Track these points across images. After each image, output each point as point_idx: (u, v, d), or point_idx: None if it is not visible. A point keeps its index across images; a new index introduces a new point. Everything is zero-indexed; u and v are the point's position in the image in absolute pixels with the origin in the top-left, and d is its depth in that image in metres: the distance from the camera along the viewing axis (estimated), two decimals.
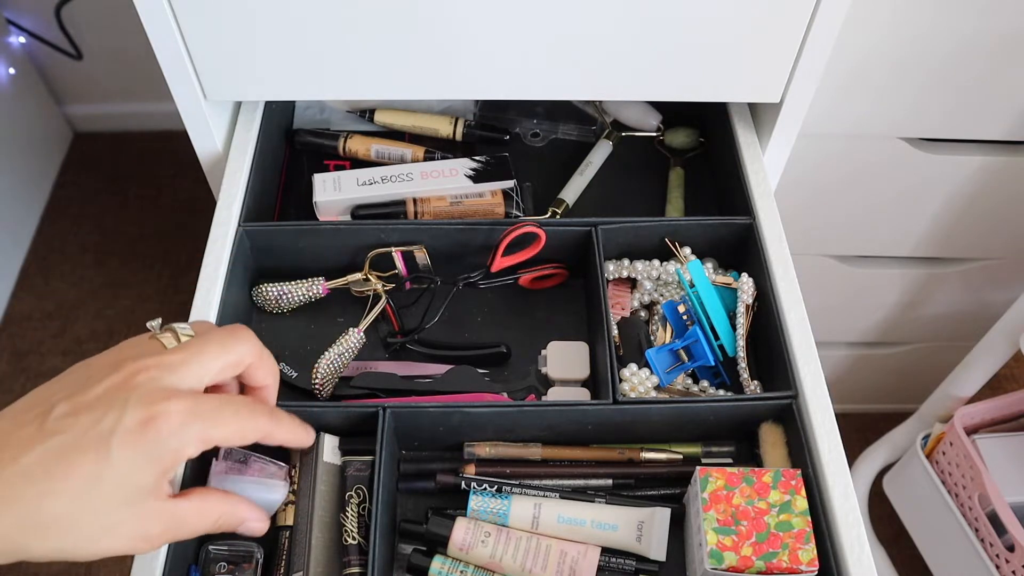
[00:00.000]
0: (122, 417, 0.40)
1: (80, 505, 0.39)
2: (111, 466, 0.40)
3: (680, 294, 0.70)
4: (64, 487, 0.39)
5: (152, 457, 0.41)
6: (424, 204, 0.74)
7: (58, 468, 0.39)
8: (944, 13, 0.80)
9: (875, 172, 0.97)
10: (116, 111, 1.86)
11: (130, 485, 0.40)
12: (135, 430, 0.40)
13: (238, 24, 0.64)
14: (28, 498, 0.38)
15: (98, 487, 0.39)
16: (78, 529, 0.39)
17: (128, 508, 0.40)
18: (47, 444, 0.39)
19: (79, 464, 0.39)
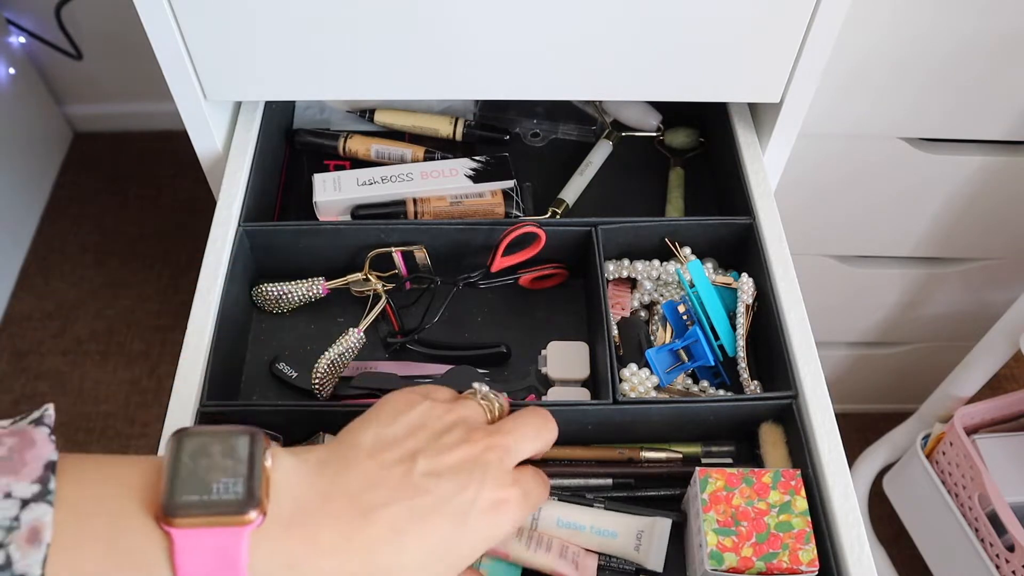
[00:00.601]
0: (480, 494, 0.42)
1: (422, 568, 0.40)
2: (461, 538, 0.42)
3: (680, 294, 0.70)
4: (418, 548, 0.40)
5: (491, 537, 0.43)
6: (424, 204, 0.74)
7: (420, 528, 0.40)
8: (944, 13, 0.80)
9: (875, 172, 0.97)
10: (116, 111, 1.86)
11: (464, 557, 0.42)
12: (488, 511, 0.43)
13: (238, 24, 0.64)
14: (385, 552, 0.39)
15: (445, 555, 0.41)
16: None
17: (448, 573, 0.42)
18: (415, 501, 0.41)
19: (439, 530, 0.41)
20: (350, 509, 0.40)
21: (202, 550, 0.35)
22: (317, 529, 0.38)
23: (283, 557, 0.37)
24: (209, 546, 0.35)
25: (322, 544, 0.38)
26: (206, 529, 0.35)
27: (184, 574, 0.35)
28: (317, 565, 0.38)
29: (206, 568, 0.35)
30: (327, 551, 0.38)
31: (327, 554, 0.38)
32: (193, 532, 0.35)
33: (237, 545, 0.35)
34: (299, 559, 0.38)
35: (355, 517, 0.39)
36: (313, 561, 0.38)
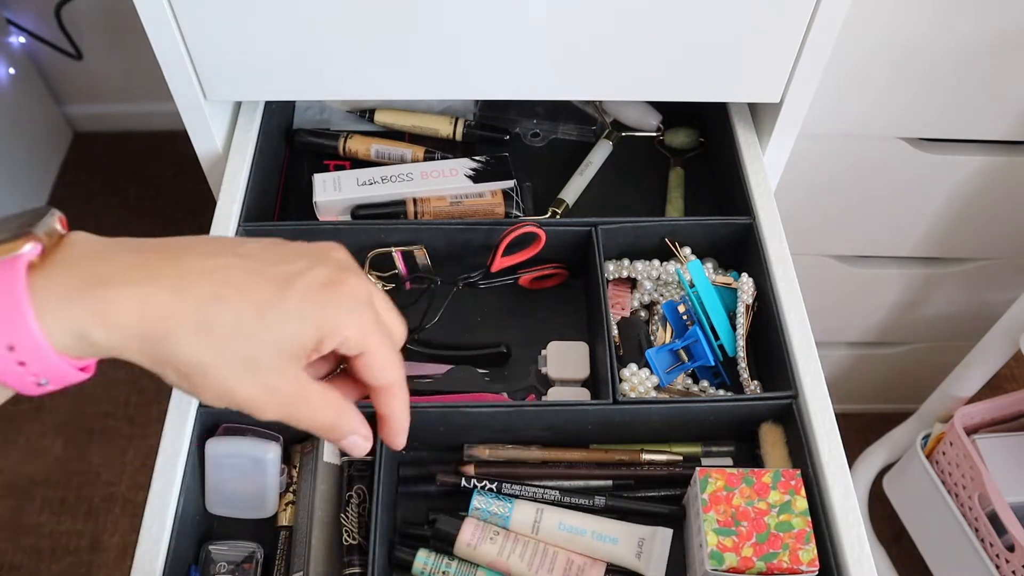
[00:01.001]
0: (312, 268, 0.39)
1: (240, 326, 0.37)
2: (283, 305, 0.37)
3: (680, 294, 0.70)
4: (236, 301, 0.37)
5: (319, 319, 0.38)
6: (424, 204, 0.74)
7: (239, 282, 0.37)
8: (944, 13, 0.80)
9: (875, 172, 0.97)
10: (116, 111, 1.86)
11: (288, 334, 0.38)
12: (318, 284, 0.38)
13: (238, 24, 0.64)
14: (202, 293, 0.36)
15: (263, 319, 0.37)
16: (227, 346, 0.36)
17: (276, 356, 0.38)
18: (236, 260, 0.38)
19: (258, 288, 0.37)
20: (159, 253, 0.37)
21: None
22: (114, 262, 0.36)
23: (73, 281, 0.35)
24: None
25: (120, 274, 0.35)
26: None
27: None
28: (114, 291, 0.35)
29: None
30: (127, 280, 0.35)
31: (127, 283, 0.35)
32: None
33: (13, 274, 0.33)
34: (91, 283, 0.35)
35: (165, 259, 0.37)
36: (109, 287, 0.35)
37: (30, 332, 0.33)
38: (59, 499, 1.41)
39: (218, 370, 0.37)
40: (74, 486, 1.43)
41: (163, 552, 0.53)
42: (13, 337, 0.33)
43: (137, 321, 0.35)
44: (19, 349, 0.33)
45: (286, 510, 0.61)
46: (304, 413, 0.40)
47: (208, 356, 0.36)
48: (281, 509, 0.61)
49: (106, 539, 1.38)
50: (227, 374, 0.37)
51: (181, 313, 0.36)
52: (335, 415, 0.42)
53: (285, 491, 0.62)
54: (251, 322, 0.37)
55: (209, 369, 0.37)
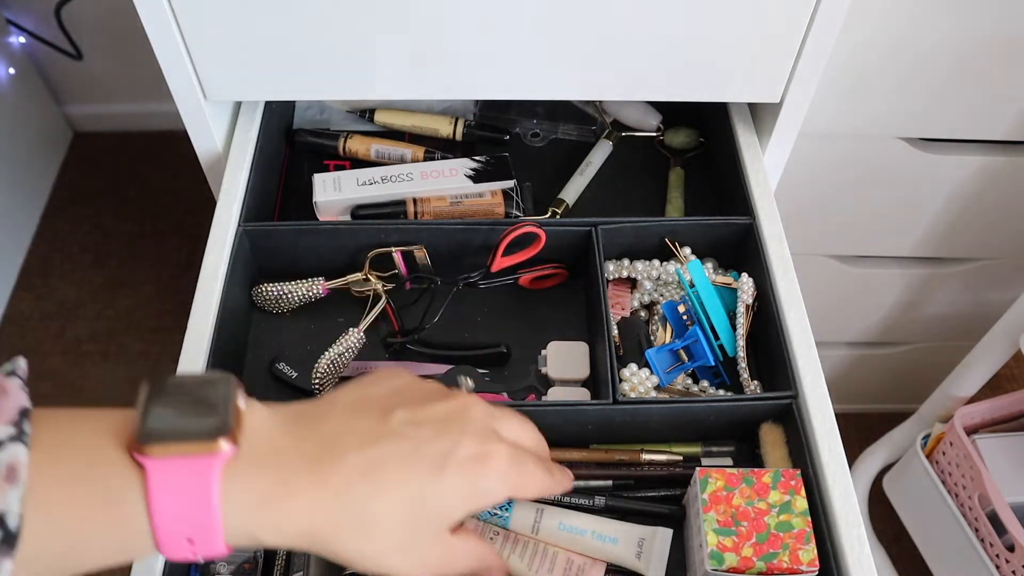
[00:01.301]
0: (460, 444, 0.41)
1: (399, 515, 0.39)
2: (440, 488, 0.40)
3: (680, 294, 0.70)
4: (395, 493, 0.39)
5: (473, 493, 0.41)
6: (424, 204, 0.74)
7: (396, 474, 0.39)
8: (944, 14, 0.80)
9: (875, 172, 0.97)
10: (116, 111, 1.86)
11: (444, 512, 0.41)
12: (468, 461, 0.41)
13: (238, 24, 0.64)
14: (360, 493, 0.38)
15: (422, 504, 0.40)
16: (386, 537, 0.39)
17: (431, 534, 0.41)
18: (391, 445, 0.40)
19: (415, 475, 0.40)
20: (325, 451, 0.39)
21: (175, 482, 0.35)
22: (290, 468, 0.38)
23: (255, 494, 0.37)
24: (182, 478, 0.35)
25: (295, 483, 0.38)
26: (178, 459, 0.35)
27: (157, 506, 0.35)
28: (289, 503, 0.37)
29: (179, 500, 0.35)
30: (300, 489, 0.38)
31: (300, 492, 0.38)
32: (166, 463, 0.35)
33: (209, 475, 0.35)
34: (271, 496, 0.37)
35: (329, 459, 0.39)
36: (286, 499, 0.37)
37: (214, 533, 0.36)
38: None
39: (376, 558, 0.39)
40: None
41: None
42: (196, 534, 0.36)
43: (307, 528, 0.38)
44: (197, 543, 0.36)
45: None
46: (451, 569, 0.43)
47: (369, 549, 0.39)
48: None
49: None
50: (384, 558, 0.40)
51: (345, 517, 0.38)
52: (478, 561, 0.45)
53: None
54: (409, 513, 0.40)
55: (368, 559, 0.39)
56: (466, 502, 0.41)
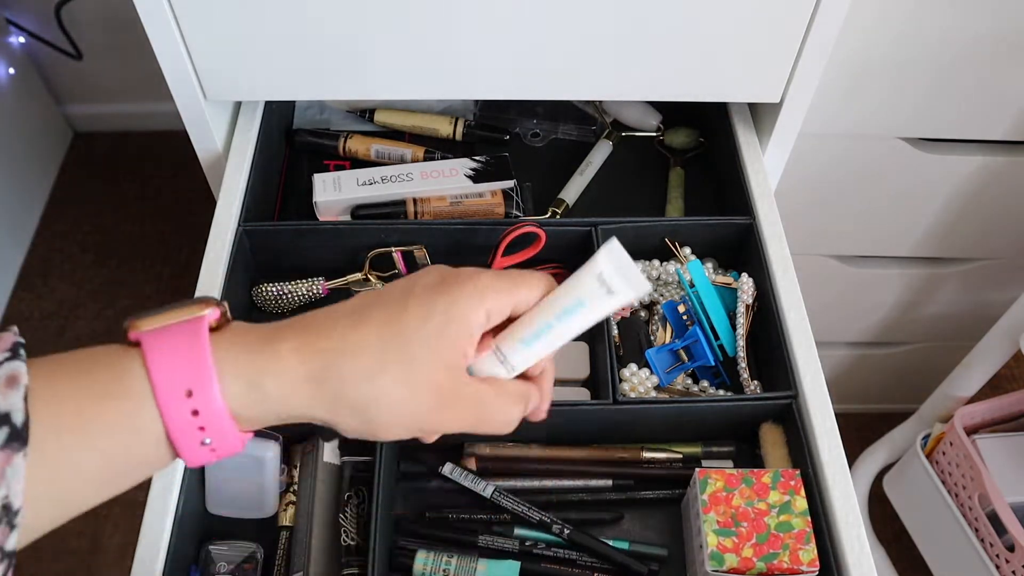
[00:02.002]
0: (420, 278, 0.42)
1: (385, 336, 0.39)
2: (411, 305, 0.40)
3: (680, 294, 0.70)
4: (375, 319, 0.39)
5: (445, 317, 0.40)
6: (424, 204, 0.74)
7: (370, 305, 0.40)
8: (944, 14, 0.80)
9: (875, 172, 0.97)
10: (116, 111, 1.86)
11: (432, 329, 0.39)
12: (433, 285, 0.41)
13: (238, 24, 0.64)
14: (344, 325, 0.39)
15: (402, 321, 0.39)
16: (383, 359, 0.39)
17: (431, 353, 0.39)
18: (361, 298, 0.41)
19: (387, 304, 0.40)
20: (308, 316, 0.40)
21: (167, 342, 0.36)
22: (277, 327, 0.39)
23: (245, 343, 0.38)
24: (174, 338, 0.37)
25: (283, 331, 0.39)
26: (169, 326, 0.37)
27: (157, 372, 0.36)
28: (280, 344, 0.38)
29: (173, 355, 0.36)
30: (288, 335, 0.39)
31: (289, 336, 0.39)
32: (158, 332, 0.37)
33: (198, 330, 0.37)
34: (261, 342, 0.38)
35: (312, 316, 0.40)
36: (276, 342, 0.38)
37: (209, 380, 0.36)
38: None
39: (382, 389, 0.39)
40: None
41: (163, 552, 0.53)
42: (194, 382, 0.36)
43: (299, 364, 0.38)
44: (196, 395, 0.36)
45: (287, 510, 0.61)
46: (485, 413, 0.42)
47: (367, 371, 0.38)
48: (281, 509, 0.61)
49: (106, 539, 1.38)
50: (393, 389, 0.39)
51: (335, 345, 0.39)
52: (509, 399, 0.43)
53: (286, 491, 0.62)
54: (390, 329, 0.39)
55: (374, 390, 0.39)
56: (441, 322, 0.40)
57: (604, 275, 0.40)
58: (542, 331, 0.42)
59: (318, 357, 0.38)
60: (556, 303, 0.41)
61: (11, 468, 0.31)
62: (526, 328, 0.42)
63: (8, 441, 0.32)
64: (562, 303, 0.41)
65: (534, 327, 0.42)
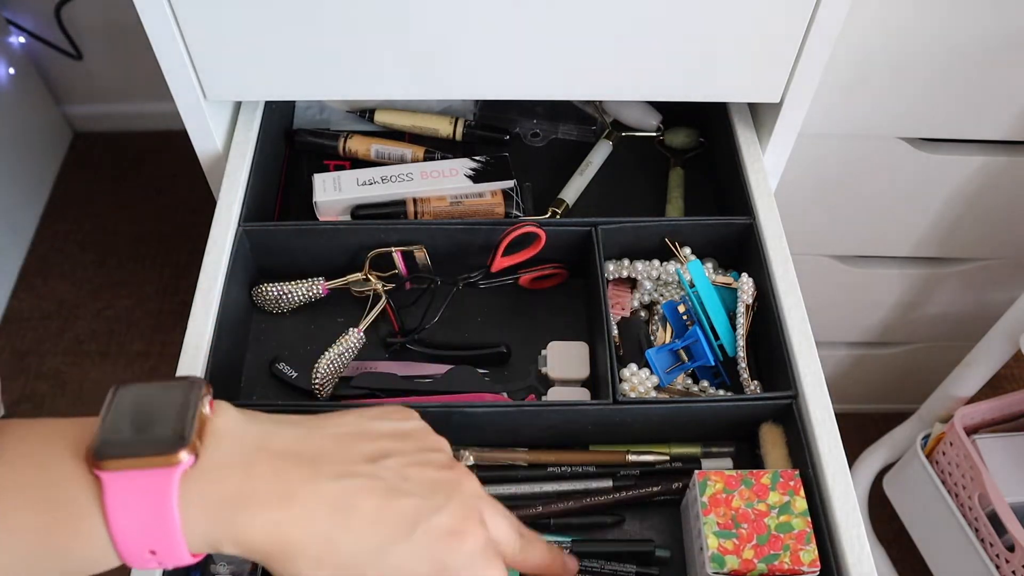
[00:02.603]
0: (439, 511, 0.39)
1: (359, 560, 0.37)
2: (405, 548, 0.38)
3: (680, 294, 0.70)
4: (360, 535, 0.37)
5: (437, 567, 0.39)
6: (424, 204, 0.74)
7: (365, 520, 0.38)
8: (944, 13, 0.80)
9: (875, 172, 0.97)
10: (116, 111, 1.86)
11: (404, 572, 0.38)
12: (442, 532, 0.39)
13: (238, 24, 0.64)
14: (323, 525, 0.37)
15: (384, 557, 0.38)
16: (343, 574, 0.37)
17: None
18: (368, 483, 0.38)
19: (384, 528, 0.38)
20: (298, 469, 0.38)
21: (132, 494, 0.34)
22: (255, 478, 0.37)
23: (216, 504, 0.36)
24: (139, 489, 0.34)
25: (259, 496, 0.36)
26: (135, 472, 0.34)
27: (115, 519, 0.34)
28: (251, 518, 0.36)
29: (137, 512, 0.34)
30: (262, 504, 0.36)
31: (262, 508, 0.36)
32: (121, 475, 0.34)
33: (167, 488, 0.35)
34: (233, 506, 0.36)
35: (300, 480, 0.37)
36: (247, 512, 0.36)
37: (175, 544, 0.35)
38: None
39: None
40: None
41: None
42: (158, 545, 0.35)
43: (265, 544, 0.36)
44: (160, 554, 0.35)
45: None
46: None
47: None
48: None
49: None
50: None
51: (308, 541, 0.37)
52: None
53: None
54: (371, 557, 0.37)
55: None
56: (427, 566, 0.39)
57: None
58: None
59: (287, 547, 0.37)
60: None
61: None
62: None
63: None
64: None
65: None
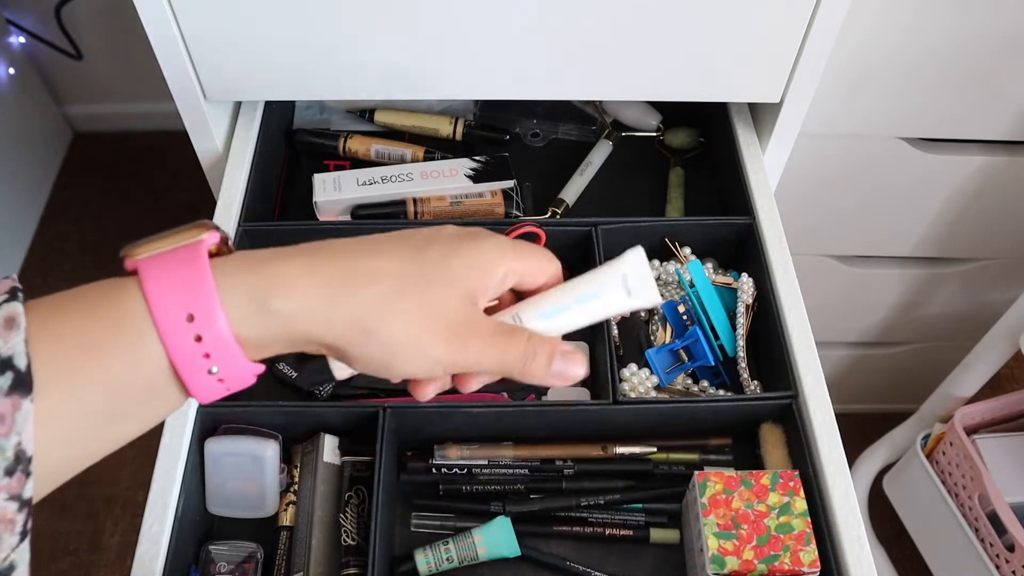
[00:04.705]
0: (442, 229, 0.40)
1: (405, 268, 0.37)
2: (434, 247, 0.38)
3: (680, 294, 0.70)
4: (396, 253, 0.38)
5: (468, 260, 0.39)
6: (424, 204, 0.74)
7: (392, 242, 0.38)
8: (944, 14, 0.79)
9: (875, 172, 0.97)
10: (116, 111, 1.86)
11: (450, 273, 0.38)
12: (456, 236, 0.39)
13: (238, 24, 0.64)
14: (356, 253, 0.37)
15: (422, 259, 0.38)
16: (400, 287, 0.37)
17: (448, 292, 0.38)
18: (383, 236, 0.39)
19: (411, 240, 0.38)
20: (314, 243, 0.38)
21: (166, 267, 0.35)
22: (279, 249, 0.37)
23: (247, 263, 0.36)
24: (172, 262, 0.35)
25: (287, 254, 0.37)
26: (167, 252, 0.35)
27: (155, 298, 0.34)
28: (285, 264, 0.36)
29: (174, 284, 0.34)
30: (294, 255, 0.37)
31: (294, 256, 0.36)
32: (155, 258, 0.35)
33: (198, 253, 0.35)
34: (265, 261, 0.36)
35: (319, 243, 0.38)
36: (280, 262, 0.36)
37: (211, 301, 0.34)
38: (59, 499, 1.41)
39: (400, 315, 0.36)
40: (74, 486, 1.42)
41: (163, 552, 0.53)
42: (195, 305, 0.34)
43: (313, 280, 0.36)
44: (199, 319, 0.34)
45: (287, 510, 0.61)
46: (500, 345, 0.39)
47: (385, 297, 0.36)
48: (282, 509, 0.61)
49: (106, 539, 1.38)
50: (411, 316, 0.37)
51: (350, 268, 0.37)
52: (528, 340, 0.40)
53: (286, 491, 0.62)
54: (412, 263, 0.37)
55: (392, 315, 0.36)
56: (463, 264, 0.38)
57: (628, 276, 0.43)
58: (560, 309, 0.43)
59: (333, 278, 0.36)
60: (578, 287, 0.43)
61: (20, 414, 0.31)
62: (547, 303, 0.43)
63: (13, 387, 0.31)
64: (584, 288, 0.43)
65: (554, 303, 0.43)
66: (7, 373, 0.31)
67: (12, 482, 0.30)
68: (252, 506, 0.61)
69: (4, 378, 0.31)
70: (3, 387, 0.30)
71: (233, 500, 0.61)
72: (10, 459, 0.30)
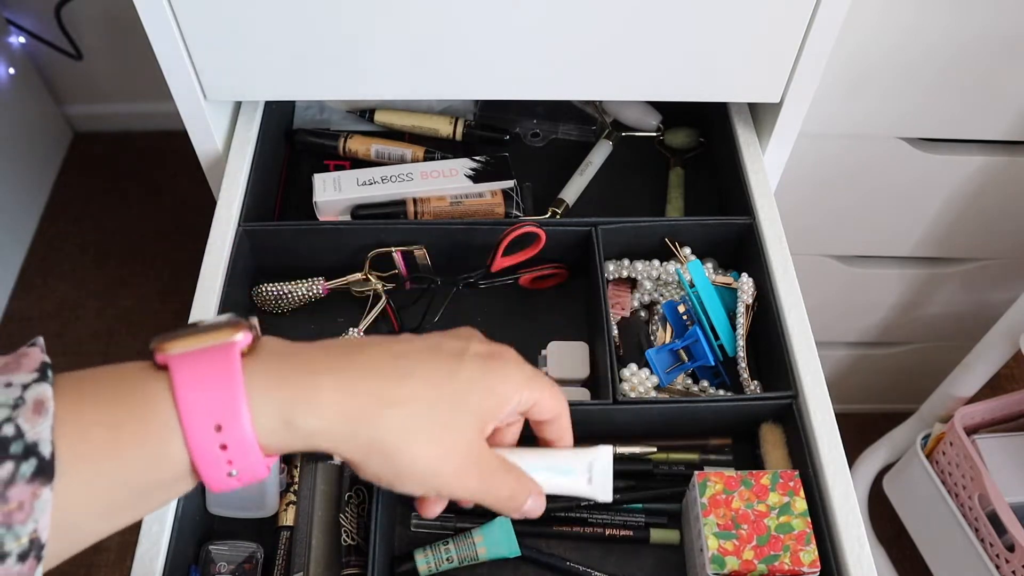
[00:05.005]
0: (471, 344, 0.41)
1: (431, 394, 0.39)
2: (463, 371, 0.40)
3: (680, 294, 0.70)
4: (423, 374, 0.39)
5: (490, 389, 0.41)
6: (424, 204, 0.74)
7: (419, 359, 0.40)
8: (944, 14, 0.79)
9: (875, 172, 0.97)
10: (116, 111, 1.86)
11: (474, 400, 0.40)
12: (484, 356, 0.41)
13: (238, 24, 0.64)
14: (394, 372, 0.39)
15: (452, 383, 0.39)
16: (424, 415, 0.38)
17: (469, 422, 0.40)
18: (412, 344, 0.41)
19: (438, 361, 0.40)
20: (346, 347, 0.40)
21: (197, 370, 0.35)
22: (313, 357, 0.38)
23: (279, 375, 0.37)
24: (203, 365, 0.35)
25: (320, 363, 0.38)
26: (198, 351, 0.36)
27: (185, 403, 0.35)
28: (316, 379, 0.37)
29: (202, 384, 0.35)
30: (326, 368, 0.38)
31: (326, 371, 0.38)
32: (186, 356, 0.36)
33: (230, 359, 0.36)
34: (296, 376, 0.37)
35: (351, 351, 0.39)
36: (311, 376, 0.37)
37: (240, 416, 0.35)
38: None
39: (420, 444, 0.39)
40: None
41: (163, 552, 0.53)
42: (224, 417, 0.35)
43: (341, 400, 0.37)
44: (226, 430, 0.35)
45: (287, 510, 0.61)
46: (497, 482, 0.42)
47: (409, 424, 0.38)
48: (282, 509, 0.61)
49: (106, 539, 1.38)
50: (429, 447, 0.39)
51: (379, 391, 0.38)
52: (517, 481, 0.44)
53: (286, 491, 0.62)
54: (440, 390, 0.39)
55: (412, 443, 0.38)
56: (485, 393, 0.40)
57: (593, 466, 0.47)
58: (540, 467, 0.46)
59: (360, 401, 0.38)
60: (555, 457, 0.47)
61: (39, 502, 0.31)
62: (536, 457, 0.46)
63: (36, 474, 0.31)
64: (557, 460, 0.47)
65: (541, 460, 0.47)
66: (31, 459, 0.31)
67: (24, 568, 0.31)
68: (252, 506, 0.61)
69: (28, 464, 0.31)
70: (26, 474, 0.31)
71: (233, 500, 0.61)
72: (25, 546, 0.31)
